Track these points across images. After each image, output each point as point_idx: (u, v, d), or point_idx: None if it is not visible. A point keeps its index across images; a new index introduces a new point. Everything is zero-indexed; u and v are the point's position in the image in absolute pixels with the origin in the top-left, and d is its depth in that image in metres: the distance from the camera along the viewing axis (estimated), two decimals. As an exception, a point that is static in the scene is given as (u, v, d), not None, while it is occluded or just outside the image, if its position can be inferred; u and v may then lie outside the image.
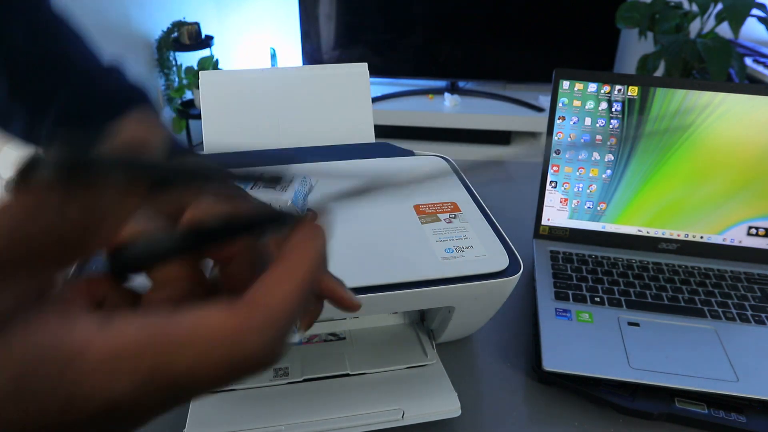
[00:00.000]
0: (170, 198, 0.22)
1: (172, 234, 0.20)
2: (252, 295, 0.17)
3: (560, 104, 0.69)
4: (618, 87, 0.67)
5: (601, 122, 0.68)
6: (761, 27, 1.75)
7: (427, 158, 0.68)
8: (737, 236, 0.69)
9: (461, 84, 2.51)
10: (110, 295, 0.20)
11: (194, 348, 0.16)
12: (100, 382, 0.15)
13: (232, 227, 0.20)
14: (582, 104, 0.68)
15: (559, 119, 0.69)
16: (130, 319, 0.16)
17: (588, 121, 0.69)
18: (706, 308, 0.61)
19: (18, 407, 0.14)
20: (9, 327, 0.15)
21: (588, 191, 0.70)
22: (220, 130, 0.71)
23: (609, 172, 0.69)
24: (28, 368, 0.15)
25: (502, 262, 0.50)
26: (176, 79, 2.41)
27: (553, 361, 0.53)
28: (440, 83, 2.50)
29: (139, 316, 0.16)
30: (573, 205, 0.71)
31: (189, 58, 2.44)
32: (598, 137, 0.69)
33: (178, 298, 0.20)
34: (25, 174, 0.16)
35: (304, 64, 2.48)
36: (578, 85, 0.68)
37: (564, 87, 0.68)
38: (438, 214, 0.56)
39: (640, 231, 0.71)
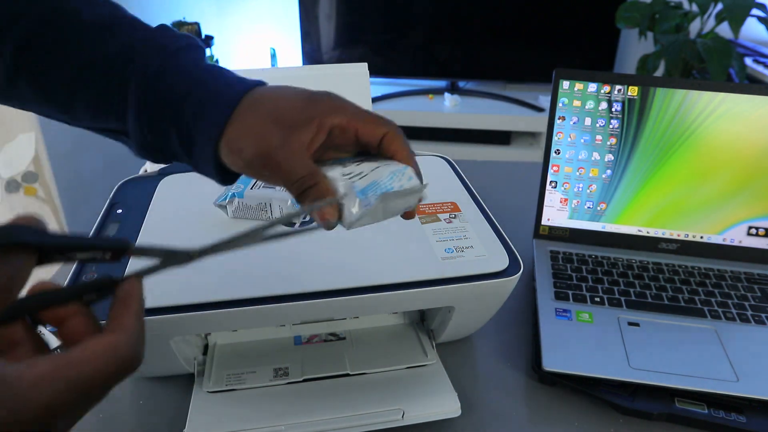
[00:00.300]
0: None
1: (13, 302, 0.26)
2: (67, 355, 0.24)
3: (560, 104, 0.69)
4: (618, 87, 0.67)
5: (601, 122, 0.68)
6: (761, 27, 1.75)
7: (427, 158, 0.68)
8: (737, 236, 0.69)
9: (461, 84, 2.51)
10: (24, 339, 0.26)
11: (96, 361, 0.24)
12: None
13: (55, 297, 0.27)
14: (582, 104, 0.68)
15: (559, 119, 0.69)
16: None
17: (588, 121, 0.69)
18: (706, 308, 0.61)
19: None
20: None
21: (588, 191, 0.70)
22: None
23: (609, 172, 0.69)
24: None
25: (502, 262, 0.50)
26: (176, 79, 2.41)
27: (553, 361, 0.53)
28: (440, 83, 2.50)
29: None
30: (573, 205, 0.71)
31: (189, 58, 2.44)
32: (598, 137, 0.69)
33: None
34: None
35: (304, 64, 2.48)
36: (578, 85, 0.68)
37: (564, 87, 0.68)
38: (438, 214, 0.56)
39: (640, 231, 0.71)
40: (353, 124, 0.36)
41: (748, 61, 1.87)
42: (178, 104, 0.37)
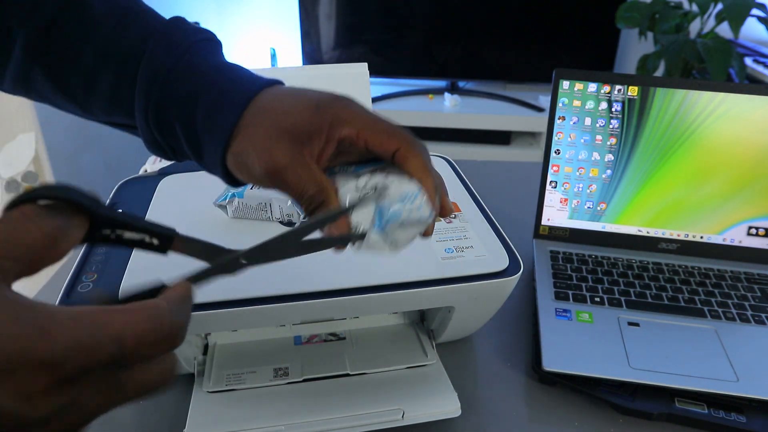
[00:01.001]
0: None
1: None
2: (157, 299, 0.26)
3: (560, 104, 0.69)
4: (618, 87, 0.67)
5: (601, 122, 0.68)
6: (761, 27, 1.75)
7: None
8: (737, 236, 0.69)
9: (461, 84, 2.50)
10: None
11: (127, 320, 0.23)
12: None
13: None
14: (582, 104, 0.68)
15: (559, 119, 0.69)
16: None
17: (588, 121, 0.69)
18: (706, 308, 0.61)
19: None
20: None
21: (588, 191, 0.70)
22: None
23: (609, 172, 0.69)
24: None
25: (502, 262, 0.50)
26: (176, 79, 2.41)
27: (553, 361, 0.53)
28: (440, 83, 2.50)
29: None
30: (573, 205, 0.71)
31: (189, 58, 2.44)
32: (598, 137, 0.69)
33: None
34: (14, 201, 0.25)
35: (304, 64, 2.48)
36: (578, 85, 0.68)
37: (564, 87, 0.68)
38: (438, 214, 0.56)
39: (640, 231, 0.71)
40: (363, 135, 0.34)
41: (748, 61, 1.87)
42: (184, 105, 0.36)
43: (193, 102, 0.36)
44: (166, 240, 0.29)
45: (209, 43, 0.39)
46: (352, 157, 0.37)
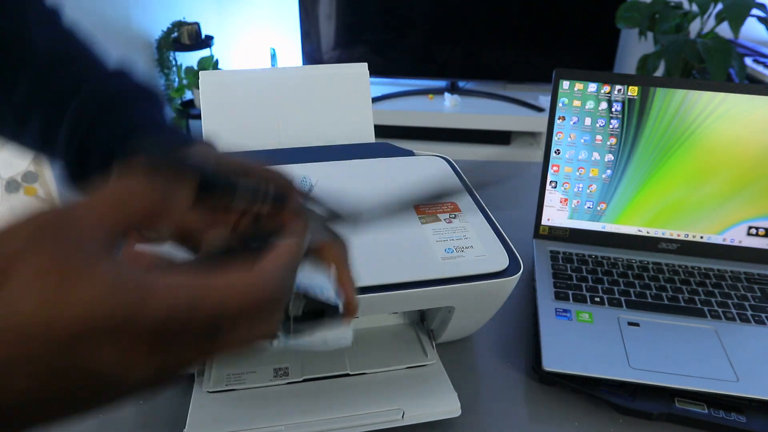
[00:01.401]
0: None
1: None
2: (261, 264, 0.26)
3: (560, 104, 0.69)
4: (618, 87, 0.67)
5: (601, 122, 0.68)
6: (761, 27, 1.75)
7: (427, 158, 0.68)
8: (737, 236, 0.69)
9: (461, 84, 2.51)
10: (157, 262, 0.27)
11: (227, 290, 0.23)
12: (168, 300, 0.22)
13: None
14: (582, 104, 0.68)
15: (559, 119, 0.69)
16: (186, 270, 0.25)
17: (588, 121, 0.69)
18: (706, 308, 0.61)
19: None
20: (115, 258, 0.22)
21: (588, 191, 0.70)
22: (220, 130, 0.71)
23: (609, 172, 0.69)
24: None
25: (502, 262, 0.50)
26: (176, 79, 2.41)
27: (553, 361, 0.53)
28: (440, 83, 2.50)
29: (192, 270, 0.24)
30: (573, 205, 0.71)
31: (189, 58, 2.44)
32: (598, 137, 0.69)
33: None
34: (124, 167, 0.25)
35: (304, 64, 2.48)
36: (578, 85, 0.68)
37: (564, 87, 0.68)
38: (438, 214, 0.56)
39: (640, 231, 0.71)
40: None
41: (748, 61, 1.87)
42: (103, 156, 0.38)
43: (112, 151, 0.38)
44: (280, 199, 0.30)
45: (142, 98, 0.40)
46: None
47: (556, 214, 0.72)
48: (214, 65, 2.39)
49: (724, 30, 1.74)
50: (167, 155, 0.26)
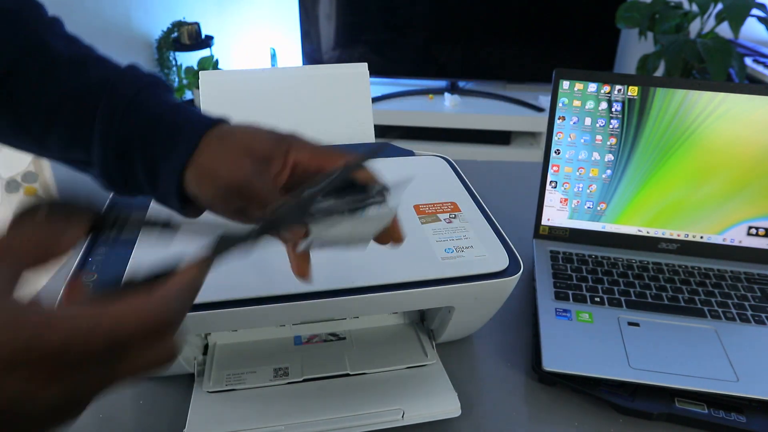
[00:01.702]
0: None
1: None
2: (159, 289, 0.26)
3: (560, 104, 0.69)
4: (618, 87, 0.67)
5: (601, 122, 0.68)
6: (761, 27, 1.75)
7: (427, 158, 0.68)
8: (737, 236, 0.69)
9: (461, 84, 2.51)
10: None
11: (123, 315, 0.24)
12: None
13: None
14: (582, 104, 0.68)
15: (559, 119, 0.69)
16: (91, 301, 0.25)
17: (588, 121, 0.69)
18: (706, 308, 0.61)
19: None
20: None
21: (588, 191, 0.70)
22: (220, 130, 0.71)
23: (609, 172, 0.69)
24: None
25: (502, 262, 0.50)
26: (176, 79, 2.41)
27: (553, 361, 0.53)
28: (440, 83, 2.50)
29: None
30: (573, 205, 0.71)
31: (189, 58, 2.44)
32: (598, 137, 0.69)
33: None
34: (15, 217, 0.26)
35: (304, 64, 2.48)
36: (578, 85, 0.68)
37: (564, 87, 0.68)
38: (438, 214, 0.56)
39: (640, 231, 0.71)
40: (315, 158, 0.38)
41: (748, 61, 1.87)
42: (144, 135, 0.38)
43: (154, 128, 0.38)
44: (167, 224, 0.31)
45: (162, 86, 0.41)
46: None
47: (556, 214, 0.72)
48: (214, 65, 2.39)
49: (724, 30, 1.74)
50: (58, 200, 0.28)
